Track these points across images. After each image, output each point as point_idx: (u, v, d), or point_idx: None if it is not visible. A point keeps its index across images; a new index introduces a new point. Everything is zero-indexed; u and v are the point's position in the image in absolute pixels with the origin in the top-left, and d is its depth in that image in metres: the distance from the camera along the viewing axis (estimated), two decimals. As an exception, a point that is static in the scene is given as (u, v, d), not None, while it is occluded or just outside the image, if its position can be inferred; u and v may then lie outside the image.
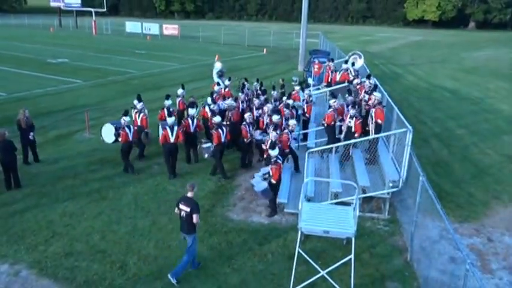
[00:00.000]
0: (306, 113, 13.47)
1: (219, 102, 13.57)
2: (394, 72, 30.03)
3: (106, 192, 10.60)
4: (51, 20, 60.57)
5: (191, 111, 12.34)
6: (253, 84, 15.71)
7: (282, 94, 14.64)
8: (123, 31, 52.18)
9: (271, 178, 9.34)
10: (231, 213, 9.81)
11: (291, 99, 13.26)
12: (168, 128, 11.22)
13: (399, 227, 9.39)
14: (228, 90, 15.55)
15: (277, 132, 10.57)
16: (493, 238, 9.04)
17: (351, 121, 10.95)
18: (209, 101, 13.34)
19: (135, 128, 12.25)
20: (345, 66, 16.17)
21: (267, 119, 12.27)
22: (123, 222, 9.26)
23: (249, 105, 14.12)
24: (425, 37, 58.55)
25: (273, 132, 10.37)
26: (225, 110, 13.15)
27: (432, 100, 21.48)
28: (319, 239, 8.38)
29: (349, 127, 11.01)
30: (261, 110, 12.80)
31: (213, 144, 11.35)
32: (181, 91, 14.54)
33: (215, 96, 13.78)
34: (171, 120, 11.28)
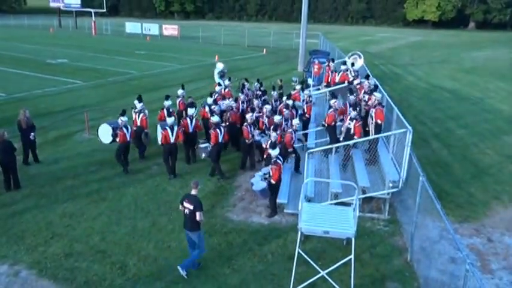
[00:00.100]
0: (305, 113, 13.46)
1: (219, 103, 13.57)
2: (394, 73, 30.03)
3: (106, 193, 10.59)
4: (50, 20, 60.63)
5: (190, 111, 12.36)
6: (254, 85, 15.70)
7: (280, 95, 14.64)
8: (122, 31, 52.18)
9: (271, 178, 9.34)
10: (231, 213, 9.81)
11: (291, 100, 13.25)
12: (168, 128, 11.23)
13: (399, 227, 9.39)
14: (228, 90, 15.55)
15: (277, 132, 10.56)
16: (493, 238, 9.04)
17: (350, 123, 10.88)
18: (209, 101, 13.34)
19: (134, 128, 12.26)
20: (344, 66, 16.14)
21: (266, 119, 12.25)
22: (122, 223, 9.26)
23: (249, 106, 14.10)
24: (425, 37, 58.57)
25: (273, 132, 10.36)
26: (224, 110, 13.15)
27: (432, 100, 21.48)
28: (319, 239, 8.37)
29: (349, 129, 10.97)
30: (261, 110, 12.79)
31: (210, 144, 11.34)
32: (182, 91, 14.53)
33: (216, 97, 13.78)
34: (170, 120, 11.29)
